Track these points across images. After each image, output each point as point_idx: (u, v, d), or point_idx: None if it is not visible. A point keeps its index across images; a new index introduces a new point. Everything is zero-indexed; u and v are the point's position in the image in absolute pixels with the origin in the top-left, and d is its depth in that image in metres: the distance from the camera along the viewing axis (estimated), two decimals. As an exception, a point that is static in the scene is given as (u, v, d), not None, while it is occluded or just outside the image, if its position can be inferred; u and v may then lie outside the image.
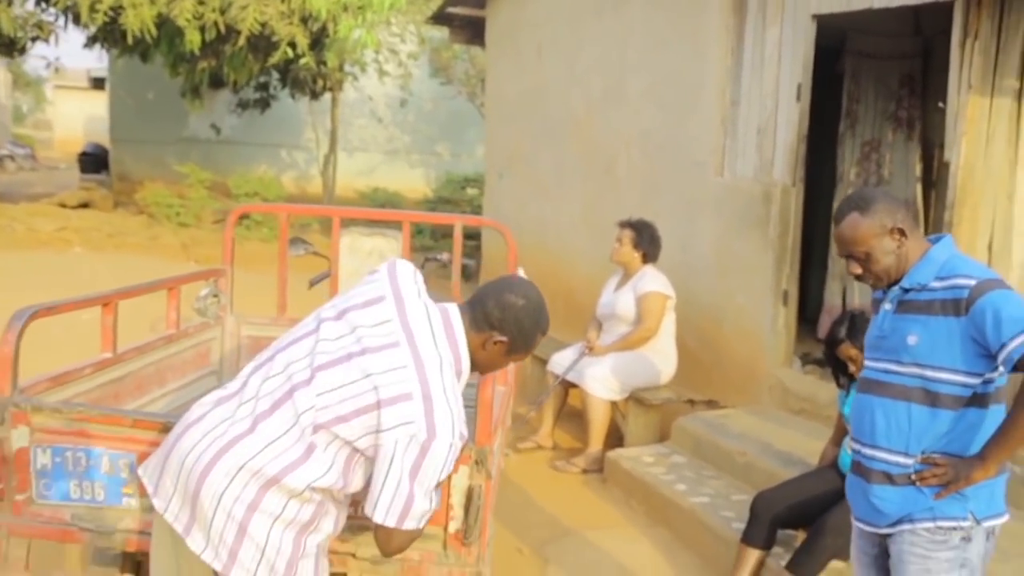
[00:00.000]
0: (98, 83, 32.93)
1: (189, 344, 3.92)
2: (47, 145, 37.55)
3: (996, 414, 2.39)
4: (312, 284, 4.88)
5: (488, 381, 2.55)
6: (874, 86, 6.80)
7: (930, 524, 2.40)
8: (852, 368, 3.64)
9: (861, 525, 2.58)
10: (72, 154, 34.64)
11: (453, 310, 2.25)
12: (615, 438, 5.71)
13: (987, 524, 2.42)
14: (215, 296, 4.13)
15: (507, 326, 2.22)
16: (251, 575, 2.14)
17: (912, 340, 2.40)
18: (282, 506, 2.13)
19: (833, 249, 6.65)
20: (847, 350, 3.64)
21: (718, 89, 6.08)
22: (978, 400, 2.38)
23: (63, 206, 14.22)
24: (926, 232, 5.91)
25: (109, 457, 2.58)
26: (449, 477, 2.37)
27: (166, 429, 2.56)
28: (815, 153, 6.03)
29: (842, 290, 6.76)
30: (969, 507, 2.39)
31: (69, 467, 2.60)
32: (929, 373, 2.38)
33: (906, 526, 2.43)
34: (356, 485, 2.22)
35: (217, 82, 13.71)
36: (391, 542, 2.15)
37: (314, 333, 2.22)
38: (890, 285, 2.50)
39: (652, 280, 5.58)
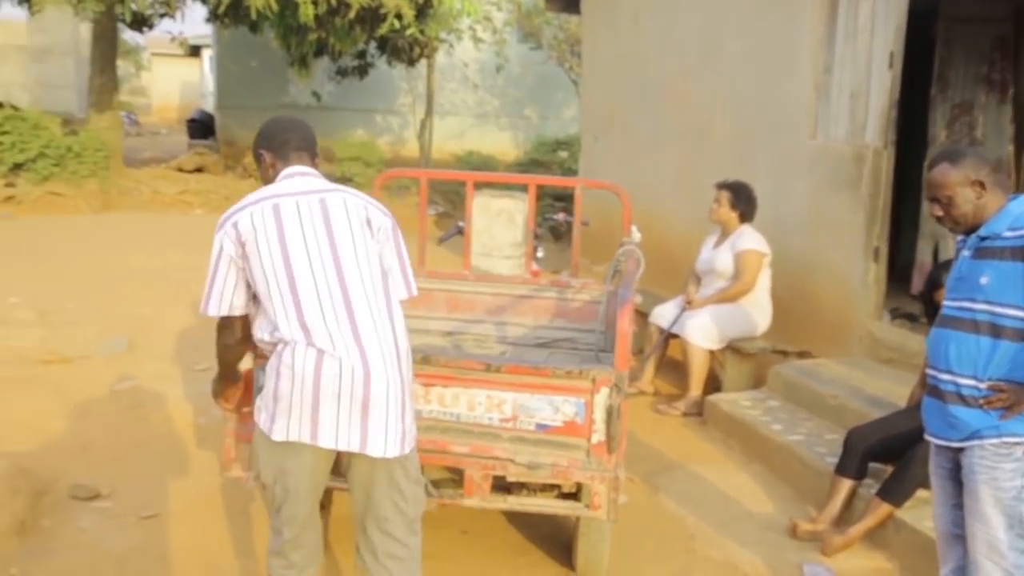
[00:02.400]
0: (194, 51, 34.03)
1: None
2: (145, 111, 38.95)
3: None
4: (442, 241, 5.44)
5: (625, 317, 3.06)
6: (966, 50, 7.01)
7: (995, 440, 2.84)
8: None
9: (937, 441, 3.02)
10: (169, 120, 36.02)
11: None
12: (712, 386, 6.14)
13: None
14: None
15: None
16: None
17: (984, 281, 2.86)
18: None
19: (924, 209, 6.95)
20: (944, 294, 4.02)
21: (812, 56, 6.40)
22: None
23: (180, 170, 15.14)
24: (1018, 191, 6.16)
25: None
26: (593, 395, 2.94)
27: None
28: (906, 116, 6.32)
29: (933, 248, 7.05)
30: None
31: (284, 386, 3.20)
32: (997, 309, 2.82)
33: (975, 441, 2.87)
34: None
35: (320, 51, 14.38)
36: None
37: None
38: (967, 233, 2.93)
39: (749, 238, 6.00)
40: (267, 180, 2.90)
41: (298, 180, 2.84)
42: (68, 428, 4.92)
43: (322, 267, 2.68)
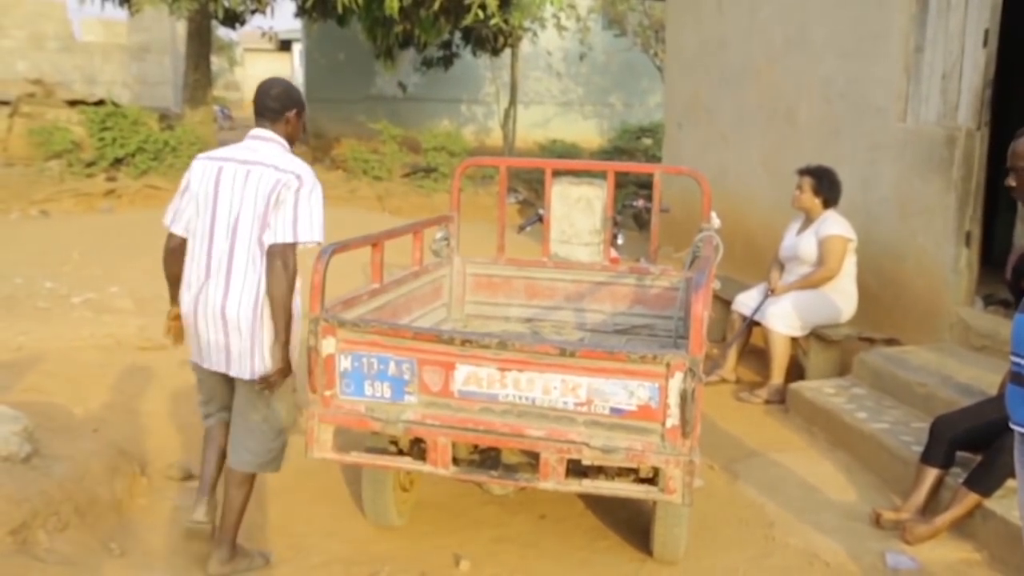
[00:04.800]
0: (284, 45, 34.80)
1: (428, 279, 4.61)
2: (237, 105, 39.95)
3: None
4: (521, 229, 5.48)
5: (700, 303, 3.06)
6: (1067, 26, 6.73)
7: None
8: None
9: (1020, 429, 2.93)
10: (260, 113, 36.89)
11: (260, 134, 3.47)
12: (795, 374, 6.05)
13: None
14: (446, 239, 4.80)
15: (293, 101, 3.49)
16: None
17: None
18: None
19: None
20: None
21: (902, 35, 6.23)
22: None
23: (271, 163, 15.50)
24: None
25: (395, 362, 3.27)
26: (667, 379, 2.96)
27: (439, 340, 3.23)
28: (1002, 96, 6.11)
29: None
30: None
31: (364, 370, 3.31)
32: None
33: None
34: None
35: (405, 43, 14.58)
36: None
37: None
38: None
39: (834, 224, 5.89)
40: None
41: (248, 143, 3.49)
42: (163, 411, 5.14)
43: (225, 224, 3.37)
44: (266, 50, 39.04)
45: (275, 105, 3.45)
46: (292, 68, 36.47)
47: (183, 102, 15.05)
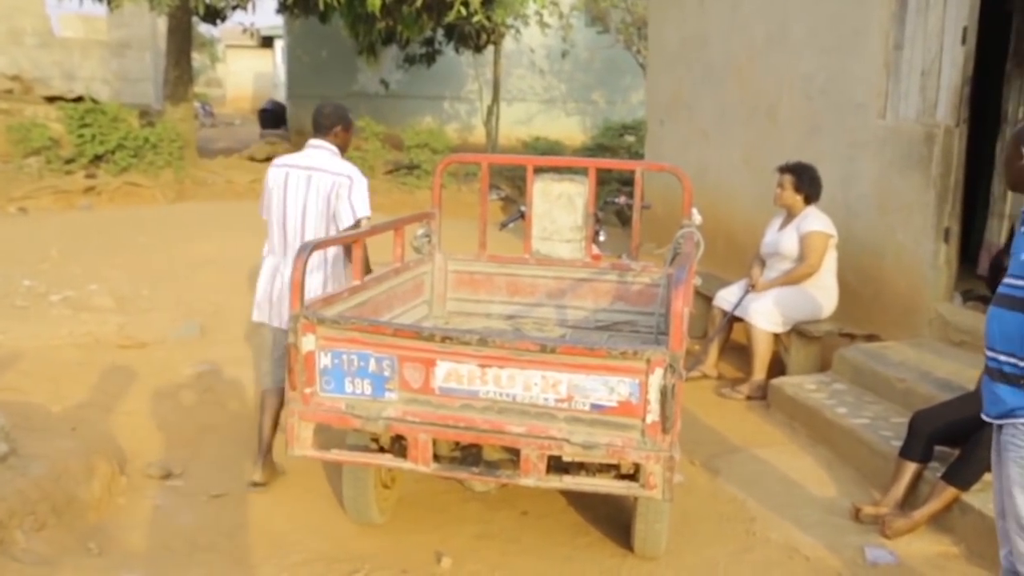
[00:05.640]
0: (266, 41, 34.60)
1: (409, 276, 4.60)
2: (219, 102, 39.74)
3: None
4: (503, 226, 5.48)
5: (679, 299, 3.06)
6: (1045, 23, 6.77)
7: None
8: None
9: (995, 421, 2.97)
10: (243, 110, 36.68)
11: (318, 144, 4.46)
12: (776, 370, 6.08)
13: None
14: (427, 236, 4.78)
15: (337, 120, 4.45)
16: None
17: (1023, 256, 2.79)
18: None
19: (996, 188, 6.76)
20: None
21: (881, 32, 6.26)
22: None
23: (252, 159, 15.47)
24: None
25: (375, 359, 3.26)
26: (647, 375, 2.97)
27: (419, 337, 3.22)
28: (980, 93, 6.15)
29: (1008, 228, 6.84)
30: None
31: (344, 367, 3.30)
32: None
33: (1010, 420, 2.83)
34: None
35: (388, 39, 14.54)
36: None
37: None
38: None
39: (815, 220, 5.91)
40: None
41: (307, 151, 4.45)
42: (143, 410, 5.11)
43: (295, 217, 4.33)
44: (248, 47, 38.77)
45: (326, 122, 4.46)
46: (275, 65, 36.21)
47: (164, 99, 14.95)
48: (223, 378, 5.65)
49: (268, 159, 15.74)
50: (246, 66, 40.70)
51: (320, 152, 4.39)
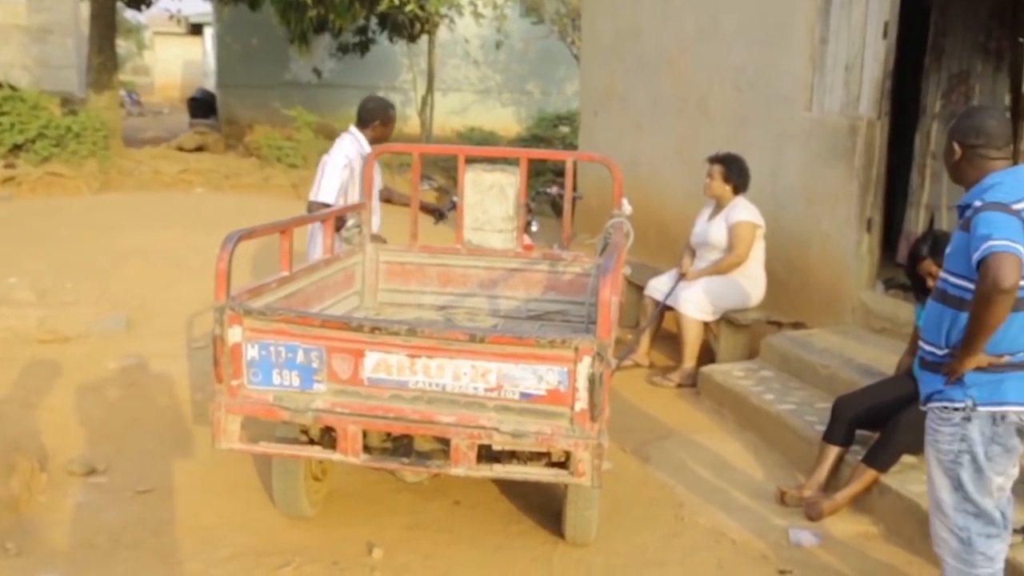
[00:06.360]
0: (195, 29, 33.85)
1: (340, 267, 4.56)
2: (147, 90, 38.79)
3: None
4: (438, 219, 5.46)
5: (607, 288, 3.09)
6: (963, 18, 6.96)
7: (939, 404, 2.98)
8: (930, 283, 4.02)
9: (930, 408, 3.09)
10: (172, 99, 35.86)
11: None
12: (707, 357, 6.18)
13: (987, 409, 2.89)
14: (358, 227, 4.74)
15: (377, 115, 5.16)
16: None
17: (949, 250, 2.97)
18: None
19: (915, 179, 6.95)
20: (928, 266, 4.02)
21: (807, 27, 6.38)
22: None
23: (181, 149, 15.14)
24: (1016, 161, 6.13)
25: (303, 350, 3.23)
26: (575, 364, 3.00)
27: (348, 328, 3.20)
28: (901, 87, 6.31)
29: (926, 218, 7.03)
30: (969, 393, 2.90)
31: (272, 359, 3.26)
32: (951, 279, 2.93)
33: (928, 405, 3.03)
34: None
35: (320, 27, 14.34)
36: None
37: None
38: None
39: (743, 210, 6.01)
40: None
41: (346, 138, 5.19)
42: (65, 405, 4.98)
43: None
44: (176, 34, 37.84)
45: (367, 116, 5.20)
46: (204, 53, 35.45)
47: (87, 86, 14.53)
48: (149, 372, 5.53)
49: (198, 149, 15.49)
50: (175, 54, 39.76)
51: (344, 137, 5.11)
